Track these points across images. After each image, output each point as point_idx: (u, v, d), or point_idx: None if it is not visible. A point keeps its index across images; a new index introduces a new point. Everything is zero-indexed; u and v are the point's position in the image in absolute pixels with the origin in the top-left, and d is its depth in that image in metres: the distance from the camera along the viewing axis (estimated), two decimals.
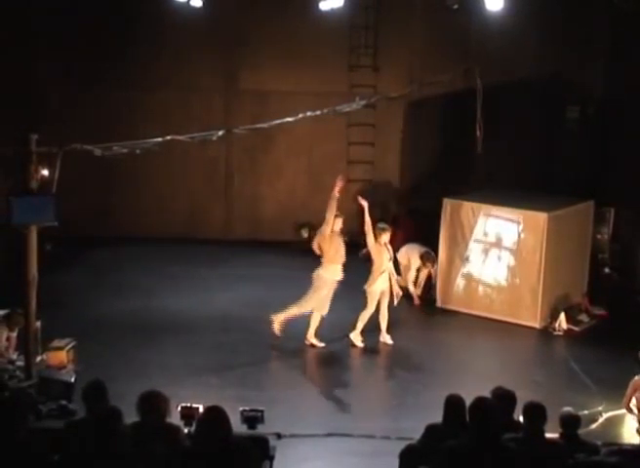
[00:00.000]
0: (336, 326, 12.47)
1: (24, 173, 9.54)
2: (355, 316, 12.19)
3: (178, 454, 5.96)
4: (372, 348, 11.84)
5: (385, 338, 12.04)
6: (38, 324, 10.19)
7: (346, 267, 15.56)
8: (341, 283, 11.89)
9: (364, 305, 11.95)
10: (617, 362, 11.29)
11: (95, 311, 12.89)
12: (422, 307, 13.66)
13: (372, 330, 12.09)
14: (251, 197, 17.39)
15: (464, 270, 13.45)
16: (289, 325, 11.92)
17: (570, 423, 7.03)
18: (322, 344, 11.81)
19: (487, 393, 6.70)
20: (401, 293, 12.36)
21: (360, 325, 11.93)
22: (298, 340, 12.00)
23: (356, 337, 11.92)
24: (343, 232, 11.94)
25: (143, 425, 6.43)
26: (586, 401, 9.94)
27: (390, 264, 12.12)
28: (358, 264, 15.79)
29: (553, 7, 15.46)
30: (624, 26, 14.78)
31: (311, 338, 11.86)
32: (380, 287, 11.90)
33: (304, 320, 12.81)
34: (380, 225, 12.06)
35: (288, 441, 8.84)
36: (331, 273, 11.78)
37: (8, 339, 10.68)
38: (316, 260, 15.70)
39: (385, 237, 11.96)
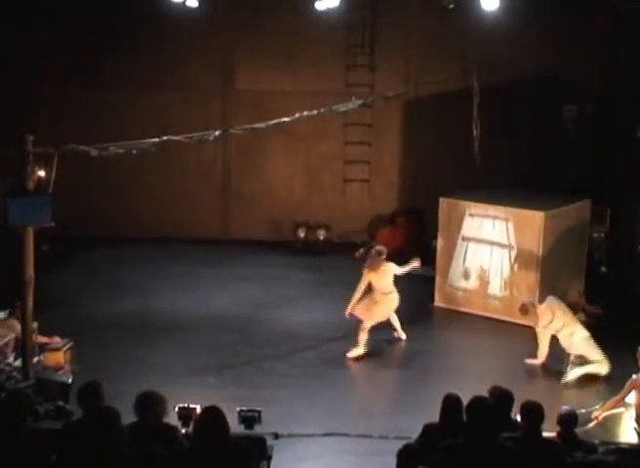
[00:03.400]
0: (333, 326, 12.48)
1: (21, 173, 9.54)
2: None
3: (175, 455, 5.96)
4: (369, 349, 11.82)
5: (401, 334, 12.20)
6: (35, 324, 10.18)
7: (343, 268, 15.64)
8: (339, 283, 11.88)
9: None
10: (614, 360, 11.29)
11: (92, 311, 12.88)
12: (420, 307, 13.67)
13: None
14: (248, 197, 17.38)
15: (461, 271, 13.44)
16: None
17: (566, 420, 7.05)
18: None
19: (484, 392, 6.71)
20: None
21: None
22: (295, 340, 12.00)
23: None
24: None
25: (141, 426, 6.43)
26: (584, 400, 9.94)
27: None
28: (354, 265, 15.86)
29: (550, 6, 15.48)
30: (622, 25, 14.80)
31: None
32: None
33: (306, 321, 12.84)
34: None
35: (285, 441, 8.83)
36: None
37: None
38: (314, 260, 15.79)
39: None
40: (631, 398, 9.55)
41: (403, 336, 12.14)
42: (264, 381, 10.67)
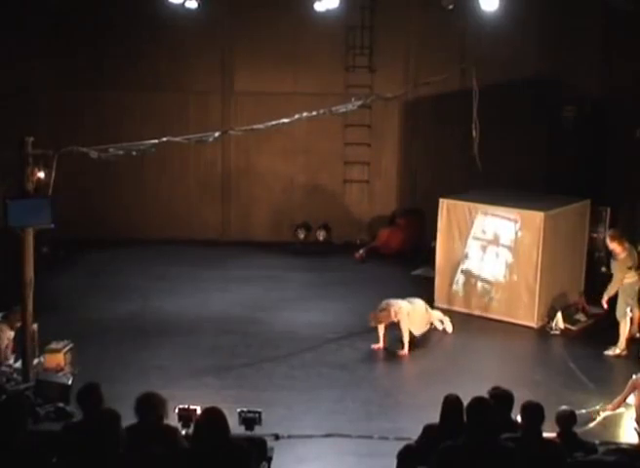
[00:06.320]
0: (332, 327, 12.49)
1: (21, 175, 9.54)
2: (353, 317, 12.28)
3: (176, 456, 5.96)
4: (369, 349, 11.82)
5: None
6: (35, 326, 10.18)
7: (343, 269, 15.62)
8: (339, 284, 11.86)
9: None
10: (614, 361, 11.30)
11: (92, 313, 12.88)
12: None
13: (369, 331, 12.09)
14: (248, 198, 17.39)
15: (463, 266, 13.44)
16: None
17: (565, 420, 7.04)
18: None
19: (484, 393, 6.71)
20: None
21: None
22: (294, 341, 12.00)
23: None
24: None
25: (141, 427, 6.42)
26: (584, 400, 9.93)
27: None
28: (355, 265, 15.88)
29: (549, 7, 15.49)
30: (620, 25, 14.79)
31: None
32: None
33: (306, 322, 12.84)
34: None
35: (286, 442, 8.84)
36: None
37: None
38: (314, 261, 15.73)
39: None
40: (631, 398, 9.55)
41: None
42: (264, 382, 10.66)
